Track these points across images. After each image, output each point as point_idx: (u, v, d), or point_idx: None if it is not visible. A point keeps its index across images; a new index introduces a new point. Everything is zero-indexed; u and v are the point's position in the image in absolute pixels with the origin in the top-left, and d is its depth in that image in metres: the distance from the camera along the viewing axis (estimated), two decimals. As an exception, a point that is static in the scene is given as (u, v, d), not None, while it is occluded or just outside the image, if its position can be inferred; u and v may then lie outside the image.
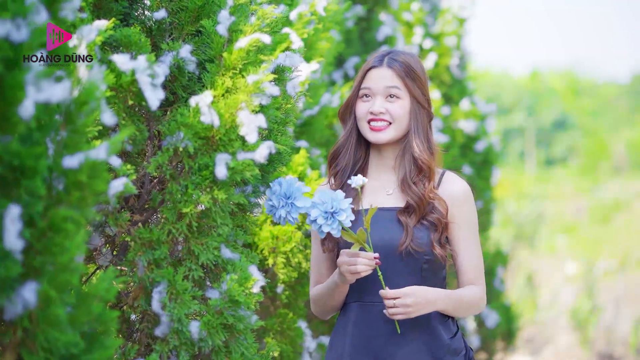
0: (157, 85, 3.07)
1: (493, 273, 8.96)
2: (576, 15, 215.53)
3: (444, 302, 3.56)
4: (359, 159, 3.76)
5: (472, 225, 3.68)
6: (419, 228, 3.58)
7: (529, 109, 39.68)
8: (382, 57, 3.73)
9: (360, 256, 3.44)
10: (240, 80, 3.24)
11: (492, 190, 9.30)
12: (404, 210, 3.61)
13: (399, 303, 3.47)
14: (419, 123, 3.67)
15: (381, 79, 3.68)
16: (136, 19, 3.39)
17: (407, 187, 3.63)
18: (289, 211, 3.40)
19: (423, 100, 3.68)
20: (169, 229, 3.20)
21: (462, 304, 3.62)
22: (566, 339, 12.80)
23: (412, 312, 3.48)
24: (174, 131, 3.17)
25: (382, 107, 3.65)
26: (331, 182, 3.77)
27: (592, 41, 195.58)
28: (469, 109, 8.83)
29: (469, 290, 3.64)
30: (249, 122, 3.18)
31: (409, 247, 3.55)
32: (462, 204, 3.66)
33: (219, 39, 3.31)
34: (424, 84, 3.71)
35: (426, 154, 3.64)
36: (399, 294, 3.47)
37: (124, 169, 3.05)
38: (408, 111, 3.66)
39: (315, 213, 3.35)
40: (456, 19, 9.18)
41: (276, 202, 3.41)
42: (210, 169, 3.18)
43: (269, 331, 4.42)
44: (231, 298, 3.19)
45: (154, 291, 3.16)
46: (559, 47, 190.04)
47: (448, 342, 3.59)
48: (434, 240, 3.57)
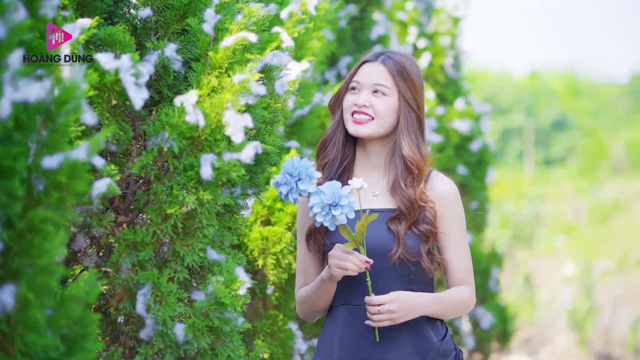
0: (141, 84, 3.03)
1: (488, 274, 8.92)
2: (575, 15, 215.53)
3: (430, 306, 3.54)
4: (347, 156, 3.73)
5: (461, 225, 3.65)
6: (409, 236, 3.55)
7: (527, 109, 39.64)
8: (379, 54, 3.70)
9: (353, 255, 3.42)
10: (226, 80, 3.20)
11: (487, 191, 9.26)
12: (394, 218, 3.57)
13: (383, 309, 3.45)
14: (409, 124, 3.62)
15: (372, 74, 3.65)
16: (121, 18, 3.35)
17: (399, 190, 3.59)
18: (290, 189, 3.36)
19: (413, 102, 3.63)
20: (154, 230, 3.16)
21: (451, 306, 3.60)
22: (564, 339, 12.78)
23: (398, 318, 3.47)
24: (159, 131, 3.13)
25: (367, 100, 3.61)
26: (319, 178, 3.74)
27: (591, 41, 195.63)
28: (463, 108, 8.79)
29: (457, 291, 3.61)
30: (234, 122, 3.14)
31: (401, 255, 3.52)
32: (451, 204, 3.63)
33: (204, 38, 3.27)
34: (417, 87, 3.66)
35: (416, 155, 3.59)
36: (382, 301, 3.46)
37: (107, 170, 3.01)
38: (394, 110, 3.62)
39: (314, 200, 3.32)
40: (450, 19, 9.14)
41: (280, 178, 3.37)
42: (195, 169, 3.14)
43: (259, 333, 4.38)
44: (217, 300, 3.15)
45: (138, 293, 3.12)
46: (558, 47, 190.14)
47: (438, 344, 3.56)
48: (423, 252, 3.55)
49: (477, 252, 8.48)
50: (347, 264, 3.42)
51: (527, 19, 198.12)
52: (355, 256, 3.42)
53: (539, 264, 17.32)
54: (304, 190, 3.33)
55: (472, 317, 8.72)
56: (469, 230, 8.34)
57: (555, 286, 15.16)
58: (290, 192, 3.35)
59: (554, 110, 40.24)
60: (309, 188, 3.34)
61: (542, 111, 39.86)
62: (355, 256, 3.42)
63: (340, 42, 6.75)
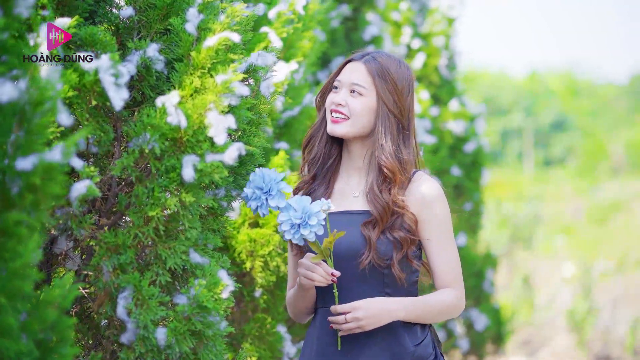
0: (122, 84, 2.98)
1: (482, 275, 8.87)
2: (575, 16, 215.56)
3: (404, 311, 3.49)
4: (332, 155, 3.71)
5: (443, 228, 3.58)
6: (382, 241, 3.50)
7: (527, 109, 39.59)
8: (366, 53, 3.66)
9: (320, 267, 3.42)
10: (209, 80, 3.15)
11: (481, 192, 9.21)
12: (367, 222, 3.53)
13: (349, 317, 3.43)
14: (387, 128, 3.57)
15: (352, 73, 3.62)
16: (103, 17, 3.30)
17: (373, 195, 3.56)
18: (259, 205, 3.35)
19: (392, 106, 3.57)
20: (136, 233, 3.11)
21: (431, 310, 3.53)
22: (563, 340, 12.73)
23: (366, 325, 3.44)
24: (140, 132, 3.08)
25: (343, 99, 3.58)
26: (304, 173, 3.74)
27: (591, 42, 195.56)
28: (458, 109, 8.75)
29: (440, 294, 3.56)
30: (217, 123, 3.09)
31: (372, 261, 3.49)
32: (431, 206, 3.56)
33: (187, 38, 3.23)
34: (399, 91, 3.59)
35: (390, 160, 3.54)
36: (348, 309, 3.44)
37: (87, 171, 2.96)
38: (370, 111, 3.58)
39: (282, 217, 3.31)
40: (445, 19, 9.11)
41: (250, 192, 3.35)
42: (177, 171, 3.09)
43: (247, 336, 4.33)
44: (199, 304, 3.10)
45: (119, 297, 3.07)
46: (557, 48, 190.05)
47: (412, 349, 3.50)
48: (395, 259, 3.50)
49: (471, 254, 8.44)
50: (314, 275, 3.43)
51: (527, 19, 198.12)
52: (323, 268, 3.42)
53: (538, 264, 17.27)
54: (275, 206, 3.34)
55: (466, 319, 8.69)
56: (463, 232, 8.32)
57: (554, 287, 15.11)
58: (260, 207, 3.36)
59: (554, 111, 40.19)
60: (279, 204, 3.34)
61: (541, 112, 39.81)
62: (323, 268, 3.42)
63: (332, 43, 6.71)
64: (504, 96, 40.60)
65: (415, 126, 3.74)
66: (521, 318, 13.23)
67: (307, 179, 3.70)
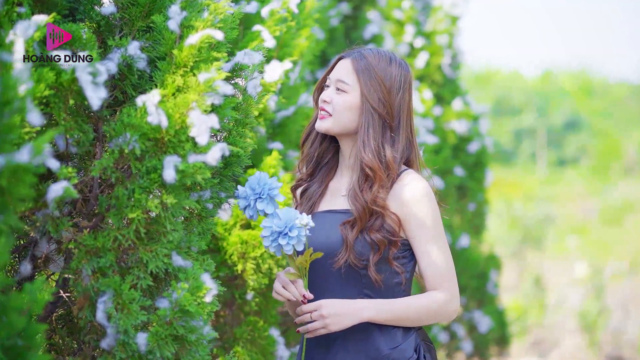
0: (99, 83, 2.91)
1: (486, 277, 8.78)
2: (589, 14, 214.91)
3: (374, 311, 3.41)
4: (328, 153, 3.67)
5: (431, 228, 3.47)
6: (360, 242, 3.43)
7: (539, 109, 39.43)
8: (355, 50, 3.62)
9: (294, 286, 3.42)
10: (192, 79, 3.08)
11: (485, 193, 9.13)
12: (347, 222, 3.48)
13: (314, 315, 3.38)
14: (369, 126, 3.49)
15: (338, 70, 3.58)
16: (84, 14, 3.22)
17: (354, 194, 3.49)
18: (247, 205, 3.35)
19: (377, 103, 3.49)
20: (115, 236, 3.04)
21: (411, 313, 3.44)
22: (574, 341, 12.70)
23: (330, 324, 3.38)
24: (121, 132, 3.00)
25: (328, 96, 3.55)
26: (300, 171, 3.71)
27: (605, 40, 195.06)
28: (461, 109, 8.68)
29: (425, 297, 3.46)
30: (200, 123, 3.01)
31: (349, 261, 3.43)
32: (415, 205, 3.46)
33: (169, 35, 3.15)
34: (386, 89, 3.51)
35: (371, 157, 3.46)
36: (314, 307, 3.39)
37: (64, 172, 2.88)
38: (352, 108, 3.52)
39: (266, 223, 3.31)
40: (448, 17, 9.03)
41: (242, 191, 3.36)
42: (158, 172, 3.02)
43: (239, 340, 4.26)
44: (181, 308, 3.02)
45: (98, 301, 3.00)
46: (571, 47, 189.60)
47: (387, 351, 3.43)
48: (372, 261, 3.42)
49: (474, 255, 8.36)
50: (285, 293, 3.42)
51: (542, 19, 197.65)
52: (297, 287, 3.40)
53: (549, 265, 17.20)
54: (261, 210, 3.31)
55: (469, 321, 8.60)
56: (466, 233, 8.24)
57: (565, 288, 15.04)
58: (247, 207, 3.35)
59: (567, 110, 40.03)
60: (267, 209, 3.31)
61: (554, 111, 39.66)
62: (297, 287, 3.40)
63: (331, 41, 6.64)
64: (516, 96, 40.44)
65: (416, 125, 3.67)
66: (532, 319, 13.18)
67: (305, 176, 3.65)
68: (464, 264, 7.94)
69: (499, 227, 18.56)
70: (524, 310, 13.19)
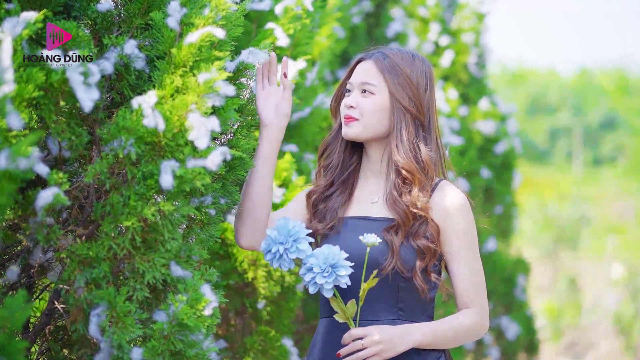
0: (92, 84, 2.76)
1: (514, 281, 8.61)
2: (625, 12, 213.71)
3: (420, 336, 3.22)
4: (353, 161, 3.46)
5: (467, 242, 3.30)
6: (406, 247, 3.25)
7: (575, 107, 39.14)
8: (375, 50, 3.44)
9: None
10: (191, 79, 2.92)
11: (513, 195, 8.97)
12: (390, 227, 3.28)
13: (367, 342, 3.14)
14: (402, 127, 3.31)
15: (361, 72, 3.39)
16: (80, 11, 3.06)
17: (391, 199, 3.31)
18: (287, 248, 3.09)
19: (408, 102, 3.32)
20: (110, 245, 2.88)
21: (450, 335, 3.26)
22: (609, 344, 12.61)
23: (384, 350, 3.15)
24: (116, 136, 2.85)
25: (354, 101, 3.34)
26: (318, 183, 3.48)
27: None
28: (488, 109, 8.52)
29: (459, 317, 3.28)
30: (199, 126, 2.85)
31: (396, 267, 3.22)
32: (455, 217, 3.29)
33: (169, 33, 3.00)
34: (415, 86, 3.34)
35: (406, 159, 3.28)
36: (362, 333, 3.16)
37: (54, 178, 2.73)
38: (383, 109, 3.33)
39: (312, 261, 3.07)
40: (475, 15, 8.88)
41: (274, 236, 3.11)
42: (155, 177, 2.85)
43: (249, 350, 4.10)
44: (179, 321, 2.86)
45: (91, 314, 2.84)
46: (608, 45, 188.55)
47: None
48: (418, 269, 3.23)
49: (502, 259, 8.20)
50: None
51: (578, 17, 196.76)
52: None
53: (584, 266, 17.04)
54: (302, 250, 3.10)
55: (497, 327, 8.45)
56: (493, 236, 8.07)
57: (600, 289, 14.89)
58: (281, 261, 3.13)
59: (603, 109, 39.71)
60: (299, 255, 3.10)
61: (590, 110, 39.35)
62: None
63: (353, 40, 6.49)
64: (552, 94, 40.16)
65: (440, 125, 3.48)
66: (566, 321, 13.08)
67: (323, 185, 3.45)
68: (491, 268, 7.78)
69: (532, 228, 18.42)
70: (559, 312, 13.09)
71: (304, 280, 3.09)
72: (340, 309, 3.13)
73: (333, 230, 3.34)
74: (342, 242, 3.26)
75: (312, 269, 3.05)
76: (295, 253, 3.06)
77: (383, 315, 3.26)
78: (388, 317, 3.26)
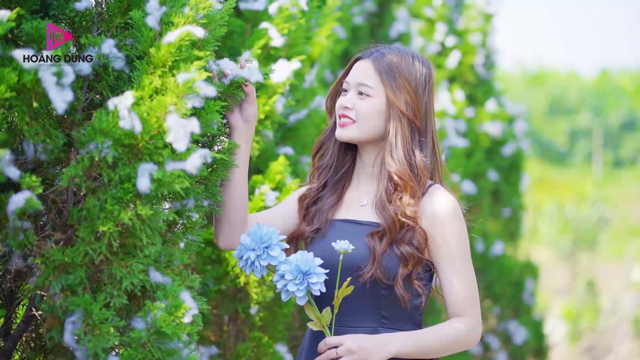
0: (65, 85, 2.67)
1: (522, 285, 8.51)
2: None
3: (399, 345, 3.11)
4: (346, 162, 3.39)
5: (457, 249, 3.20)
6: (389, 255, 3.15)
7: (596, 109, 38.98)
8: (374, 49, 3.35)
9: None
10: (170, 80, 2.83)
11: (520, 197, 8.88)
12: (374, 233, 3.19)
13: (341, 351, 3.05)
14: (398, 131, 3.22)
15: (358, 72, 3.30)
16: (58, 10, 2.98)
17: (381, 205, 3.22)
18: (259, 255, 3.03)
19: (404, 106, 3.22)
20: (86, 250, 2.79)
21: (434, 344, 3.16)
22: (628, 347, 12.56)
23: (359, 359, 3.06)
24: (92, 138, 2.76)
25: (350, 102, 3.26)
26: (312, 184, 3.42)
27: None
28: (495, 110, 8.43)
29: (447, 326, 3.19)
30: (177, 127, 2.76)
31: (375, 275, 3.14)
32: (444, 224, 3.20)
33: (148, 33, 2.91)
34: (412, 89, 3.25)
35: (400, 165, 3.19)
36: (336, 342, 3.08)
37: (27, 181, 2.65)
38: (379, 112, 3.24)
39: (285, 268, 3.00)
40: (482, 15, 8.81)
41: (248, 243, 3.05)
42: (133, 181, 2.77)
43: (242, 357, 4.02)
44: (157, 329, 2.78)
45: (66, 321, 2.76)
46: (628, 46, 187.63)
47: None
48: (400, 277, 3.14)
49: (509, 263, 8.12)
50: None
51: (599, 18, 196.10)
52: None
53: (603, 268, 16.96)
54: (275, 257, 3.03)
55: (504, 331, 8.36)
56: (500, 240, 7.98)
57: (619, 292, 14.81)
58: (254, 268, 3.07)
59: (624, 111, 39.53)
60: (272, 261, 3.03)
61: (611, 111, 39.19)
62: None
63: (355, 40, 6.40)
64: (572, 95, 40.02)
65: (446, 127, 3.39)
66: (584, 323, 13.03)
67: (316, 187, 3.38)
68: (498, 272, 7.71)
69: (551, 230, 18.37)
70: (577, 315, 13.03)
71: (277, 288, 3.02)
72: (315, 316, 3.05)
73: (319, 233, 3.27)
74: (326, 246, 3.18)
75: (284, 276, 2.97)
76: (267, 260, 3.00)
77: (366, 322, 3.18)
78: (371, 324, 3.18)
